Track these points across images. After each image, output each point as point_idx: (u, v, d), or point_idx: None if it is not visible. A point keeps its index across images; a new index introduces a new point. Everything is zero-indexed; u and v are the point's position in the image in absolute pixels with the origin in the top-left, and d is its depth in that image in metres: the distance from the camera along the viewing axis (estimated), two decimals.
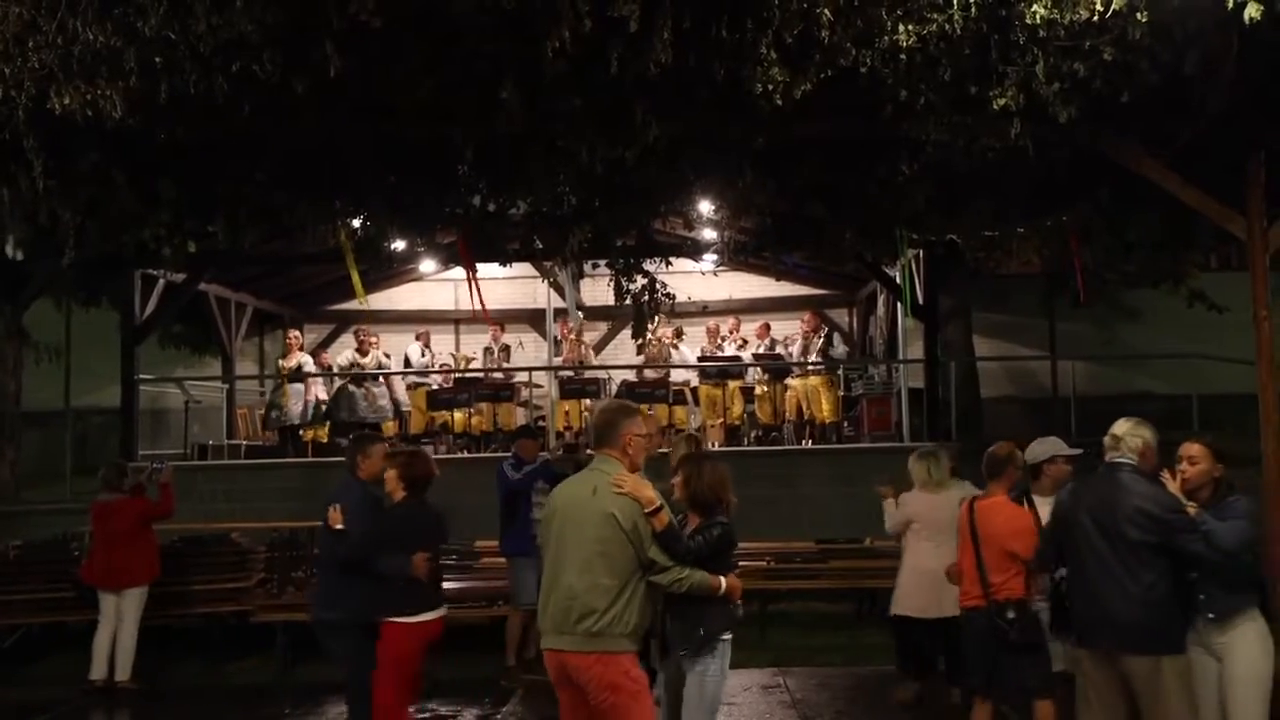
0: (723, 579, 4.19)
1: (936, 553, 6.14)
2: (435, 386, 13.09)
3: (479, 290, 10.80)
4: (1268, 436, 6.80)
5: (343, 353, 13.55)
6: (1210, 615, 4.30)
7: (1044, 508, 5.13)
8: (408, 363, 13.64)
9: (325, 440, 12.75)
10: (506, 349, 13.68)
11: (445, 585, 8.73)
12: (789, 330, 13.57)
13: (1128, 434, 4.42)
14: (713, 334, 13.37)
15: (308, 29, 5.13)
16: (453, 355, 14.50)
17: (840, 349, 13.38)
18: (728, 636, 4.36)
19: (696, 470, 4.48)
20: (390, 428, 13.09)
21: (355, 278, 10.23)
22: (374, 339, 13.35)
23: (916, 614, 6.37)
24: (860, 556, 9.33)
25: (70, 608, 8.47)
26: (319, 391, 13.22)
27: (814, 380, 12.59)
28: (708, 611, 4.21)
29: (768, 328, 13.69)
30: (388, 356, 13.37)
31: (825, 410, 12.49)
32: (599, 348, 15.30)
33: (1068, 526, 4.51)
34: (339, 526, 5.38)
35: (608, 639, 3.97)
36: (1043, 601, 4.99)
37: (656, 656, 4.57)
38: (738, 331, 13.63)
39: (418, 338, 14.03)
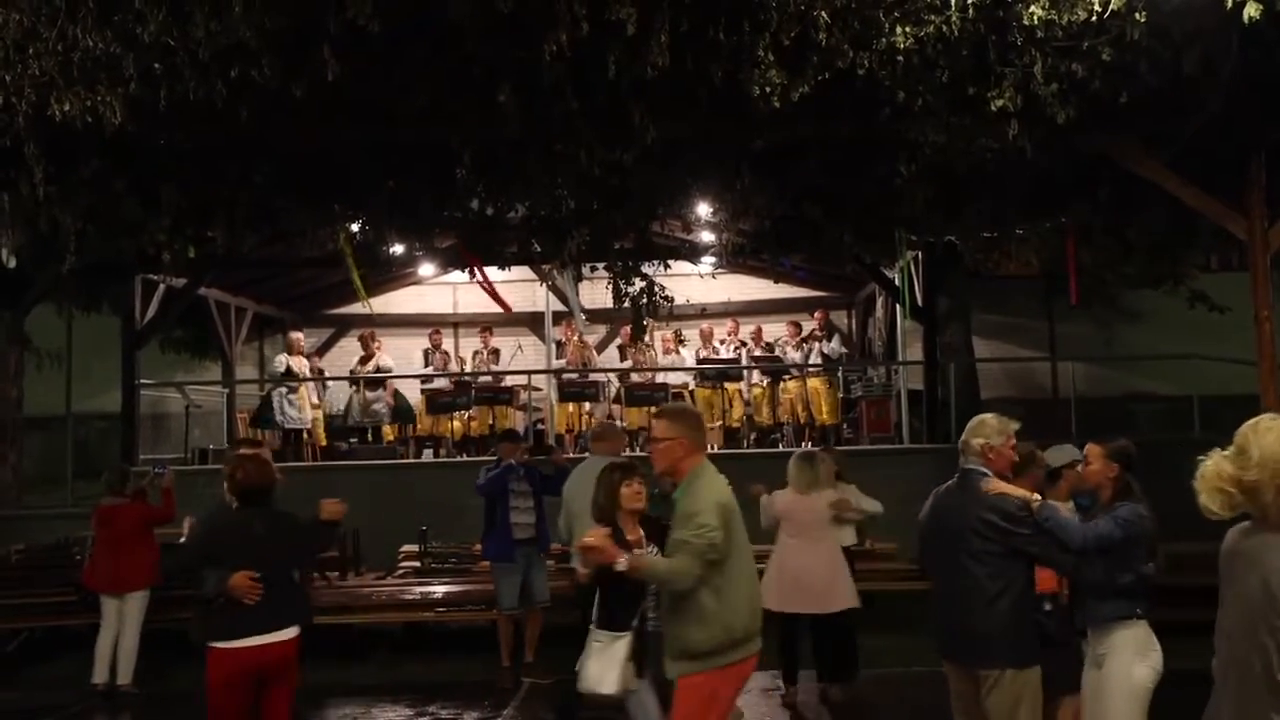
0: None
1: (801, 550, 6.55)
2: (438, 388, 13.08)
3: (490, 285, 10.80)
4: None
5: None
6: (1079, 622, 4.24)
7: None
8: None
9: (324, 444, 12.74)
10: (496, 352, 13.59)
11: (440, 589, 8.91)
12: (780, 333, 13.58)
13: (968, 436, 4.21)
14: (706, 337, 13.24)
15: (306, 34, 5.14)
16: (461, 359, 14.47)
17: (836, 344, 13.34)
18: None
19: None
20: (389, 432, 13.12)
21: (357, 281, 10.23)
22: (378, 343, 13.31)
23: (775, 609, 6.31)
24: (859, 558, 9.28)
25: (72, 612, 8.47)
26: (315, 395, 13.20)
27: (814, 382, 12.59)
28: None
29: (760, 332, 13.70)
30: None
31: (825, 412, 12.48)
32: (598, 350, 15.29)
33: (929, 536, 4.37)
34: (181, 540, 5.04)
35: None
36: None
37: None
38: (735, 334, 13.61)
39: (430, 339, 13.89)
